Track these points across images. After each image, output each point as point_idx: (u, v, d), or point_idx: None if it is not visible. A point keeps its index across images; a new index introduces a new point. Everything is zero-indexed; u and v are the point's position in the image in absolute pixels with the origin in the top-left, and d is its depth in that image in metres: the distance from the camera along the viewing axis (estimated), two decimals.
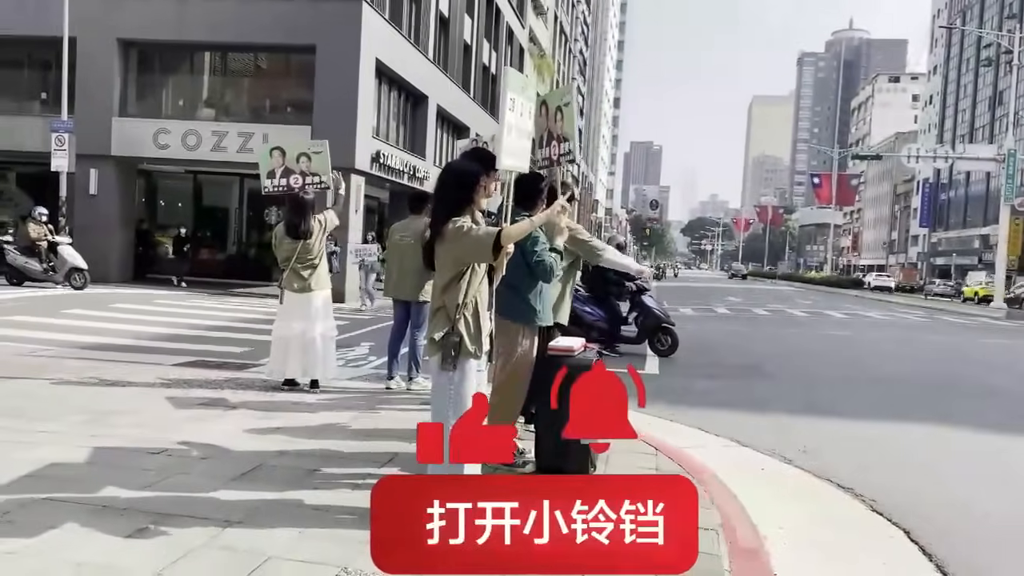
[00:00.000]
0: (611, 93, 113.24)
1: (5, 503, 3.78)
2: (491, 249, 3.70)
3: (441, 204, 3.89)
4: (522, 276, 4.85)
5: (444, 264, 3.83)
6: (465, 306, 3.79)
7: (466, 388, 3.81)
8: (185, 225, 24.06)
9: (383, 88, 22.94)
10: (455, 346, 3.76)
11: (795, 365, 12.09)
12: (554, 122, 5.09)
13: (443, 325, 3.79)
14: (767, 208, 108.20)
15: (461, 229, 3.73)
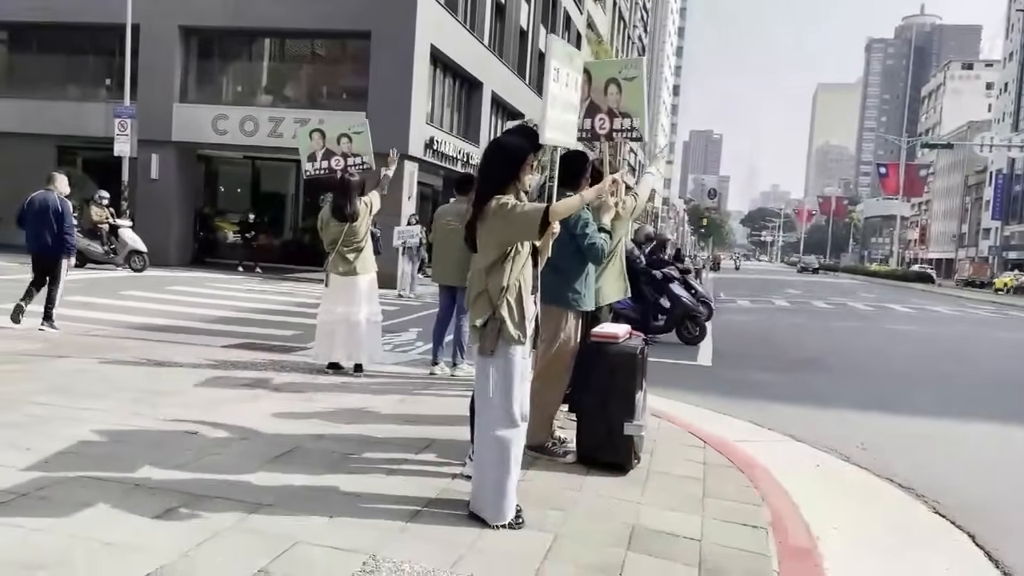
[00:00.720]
0: (670, 80, 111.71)
1: (42, 479, 3.78)
2: (538, 226, 3.53)
3: (486, 181, 3.74)
4: (568, 259, 4.69)
5: (487, 245, 3.68)
6: (508, 290, 3.64)
7: (510, 376, 3.66)
8: (243, 210, 24.42)
9: (437, 74, 22.88)
10: (497, 331, 3.61)
11: (855, 360, 11.66)
12: (603, 94, 4.87)
13: (485, 310, 3.64)
14: (830, 199, 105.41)
15: (506, 206, 3.58)
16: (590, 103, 4.92)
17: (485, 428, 3.68)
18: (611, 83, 4.87)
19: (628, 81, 4.84)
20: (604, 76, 4.93)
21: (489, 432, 3.66)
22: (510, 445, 3.66)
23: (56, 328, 8.81)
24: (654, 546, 3.59)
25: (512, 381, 3.67)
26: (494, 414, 3.66)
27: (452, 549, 3.34)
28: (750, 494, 4.51)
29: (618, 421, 4.53)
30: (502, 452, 3.64)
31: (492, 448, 3.65)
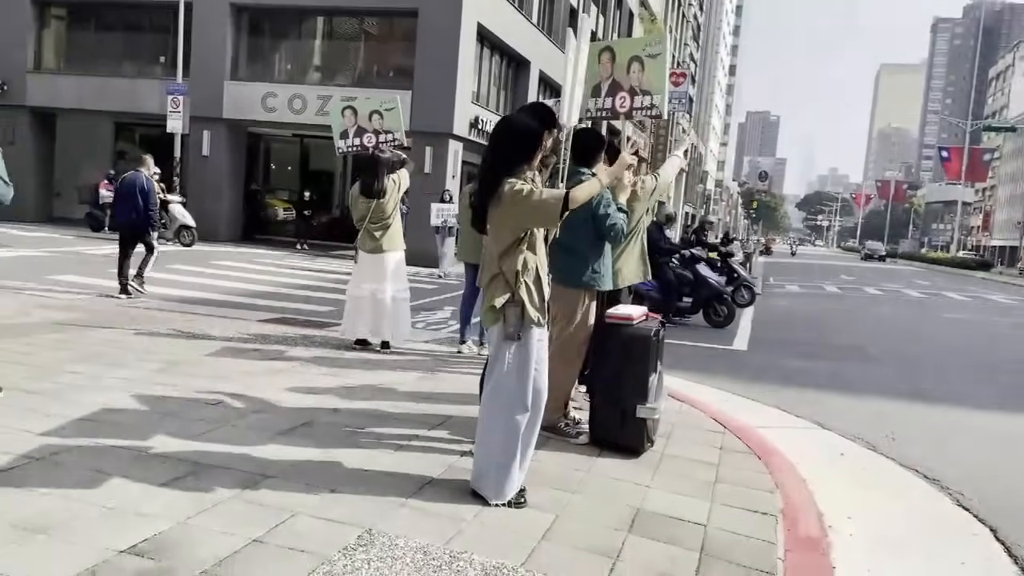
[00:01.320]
0: (726, 60, 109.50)
1: (57, 445, 3.88)
2: (558, 214, 3.47)
3: (497, 162, 3.64)
4: (586, 239, 4.64)
5: (501, 230, 3.60)
6: (526, 271, 3.58)
7: (528, 359, 3.62)
8: (291, 188, 24.78)
9: (484, 53, 22.79)
10: (518, 314, 3.57)
11: (901, 348, 11.36)
12: (625, 73, 4.78)
13: (502, 293, 3.58)
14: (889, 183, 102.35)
15: (521, 193, 3.49)
16: (612, 81, 4.83)
17: (497, 409, 3.65)
18: (634, 61, 4.78)
19: (651, 58, 4.74)
20: (628, 54, 4.83)
21: (500, 414, 3.63)
22: (519, 428, 3.64)
23: (142, 291, 9.95)
24: (657, 530, 3.54)
25: (528, 364, 3.63)
26: (507, 396, 3.62)
27: (450, 525, 3.35)
28: (764, 481, 4.43)
29: (631, 404, 4.47)
30: (511, 434, 3.62)
31: (501, 429, 3.63)
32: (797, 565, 3.40)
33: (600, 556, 3.21)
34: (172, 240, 18.13)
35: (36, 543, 2.85)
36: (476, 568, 2.97)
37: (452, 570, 2.94)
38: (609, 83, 4.84)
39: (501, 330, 3.59)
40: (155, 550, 2.86)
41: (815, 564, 3.46)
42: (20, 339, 6.40)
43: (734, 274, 14.47)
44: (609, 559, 3.19)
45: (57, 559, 2.73)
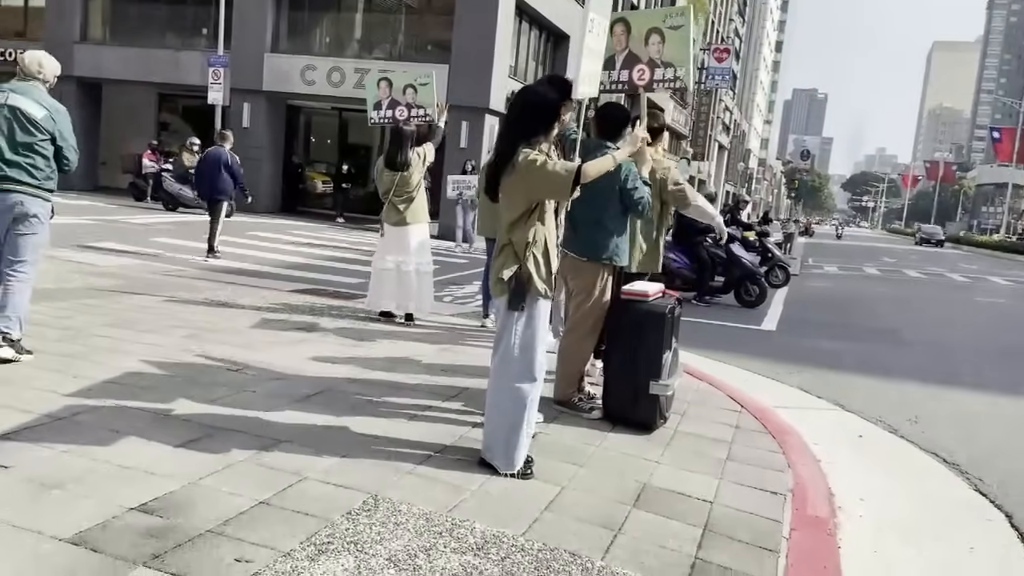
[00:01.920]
0: (773, 36, 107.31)
1: (80, 405, 4.01)
2: (569, 187, 3.48)
3: (513, 133, 3.66)
4: (609, 213, 4.65)
5: (513, 199, 3.63)
6: (535, 243, 3.61)
7: (534, 330, 3.65)
8: (330, 161, 24.95)
9: (523, 27, 22.65)
10: (525, 286, 3.60)
11: (937, 332, 11.16)
12: (643, 44, 4.73)
13: (511, 263, 3.61)
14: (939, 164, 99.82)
15: (535, 163, 3.51)
16: (628, 53, 4.78)
17: (505, 379, 3.69)
18: (653, 32, 4.72)
19: (673, 30, 4.68)
20: (646, 26, 4.77)
21: (508, 384, 3.67)
22: (527, 398, 3.67)
23: (219, 256, 11.16)
24: (661, 505, 3.56)
25: (535, 335, 3.66)
26: (515, 366, 3.66)
27: (455, 493, 3.40)
28: (777, 460, 4.42)
29: (644, 380, 4.48)
30: (519, 404, 3.66)
31: (510, 399, 3.66)
32: (801, 544, 3.39)
33: (601, 528, 3.24)
34: None
35: (50, 497, 2.96)
36: (476, 535, 3.02)
37: (452, 536, 2.99)
38: (624, 55, 4.79)
39: (507, 301, 3.62)
40: (164, 508, 2.96)
41: (820, 544, 3.45)
42: (56, 303, 6.58)
43: (769, 254, 14.31)
44: (610, 531, 3.22)
45: (68, 513, 2.84)
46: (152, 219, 16.32)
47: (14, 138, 4.67)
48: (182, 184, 18.54)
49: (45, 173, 4.77)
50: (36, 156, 4.71)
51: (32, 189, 4.71)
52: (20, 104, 4.69)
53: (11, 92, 4.76)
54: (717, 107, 52.30)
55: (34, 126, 4.70)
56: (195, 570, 2.55)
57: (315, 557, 2.71)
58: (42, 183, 4.76)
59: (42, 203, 4.79)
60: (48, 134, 4.75)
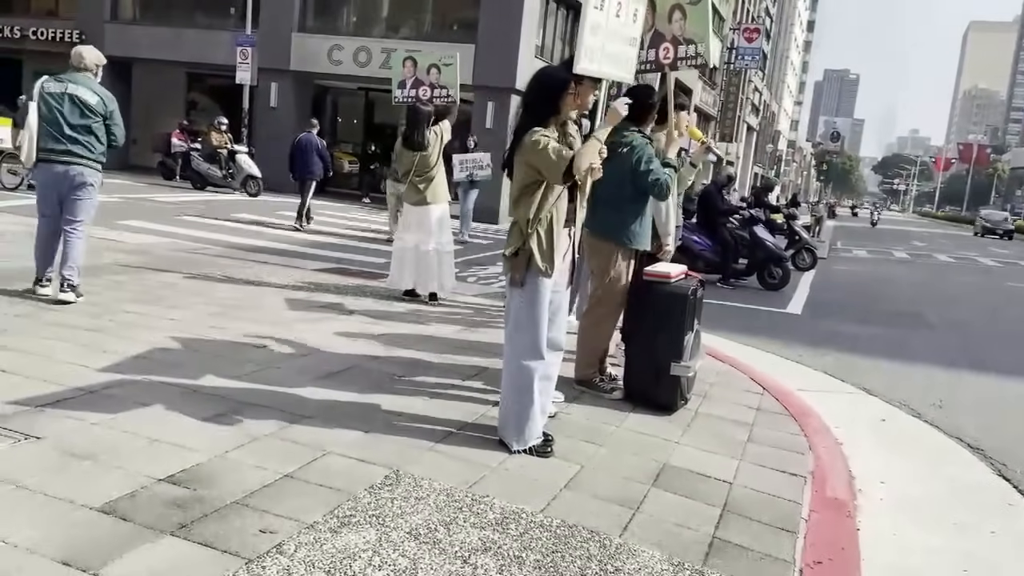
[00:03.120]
0: (804, 15, 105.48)
1: (111, 379, 4.10)
2: (561, 173, 3.49)
3: (526, 113, 3.71)
4: (625, 194, 4.62)
5: (518, 175, 3.68)
6: (538, 221, 3.62)
7: (537, 307, 3.67)
8: (356, 141, 25.00)
9: (549, 6, 22.47)
10: (526, 262, 3.62)
11: (963, 316, 11.03)
12: (667, 22, 4.69)
13: (516, 240, 3.65)
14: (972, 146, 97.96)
15: (537, 144, 3.54)
16: (654, 32, 4.75)
17: (511, 356, 3.73)
18: (675, 9, 4.69)
19: (692, 5, 4.65)
20: (669, 2, 4.74)
21: (515, 360, 3.71)
22: (533, 374, 3.70)
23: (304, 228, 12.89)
24: (681, 484, 3.58)
25: (538, 311, 3.67)
26: (520, 343, 3.69)
27: (475, 470, 3.44)
28: (798, 442, 4.42)
29: (665, 361, 4.48)
30: (525, 380, 3.69)
31: (517, 376, 3.70)
32: (820, 525, 3.40)
33: (620, 506, 3.27)
34: (239, 190, 18.56)
35: (81, 468, 3.04)
36: (496, 511, 3.06)
37: (472, 512, 3.04)
38: (651, 34, 4.76)
39: (509, 276, 3.68)
40: (191, 480, 3.02)
41: (838, 525, 3.46)
42: (85, 280, 6.68)
43: (796, 236, 14.19)
44: (629, 510, 3.25)
45: (98, 483, 2.92)
46: (181, 198, 16.49)
47: (73, 120, 5.63)
48: (210, 163, 18.70)
49: (99, 149, 5.78)
50: (91, 135, 5.70)
51: (89, 162, 5.73)
52: (77, 92, 5.65)
53: (69, 82, 5.70)
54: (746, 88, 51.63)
55: (89, 110, 5.66)
56: (221, 540, 2.61)
57: (338, 529, 2.77)
58: (96, 156, 5.77)
59: (95, 173, 5.83)
60: (100, 116, 5.72)
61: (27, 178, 13.79)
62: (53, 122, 5.62)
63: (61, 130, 5.60)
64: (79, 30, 24.06)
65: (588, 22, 3.68)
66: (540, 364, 3.70)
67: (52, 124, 5.62)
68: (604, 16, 3.78)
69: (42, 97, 5.67)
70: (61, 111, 5.60)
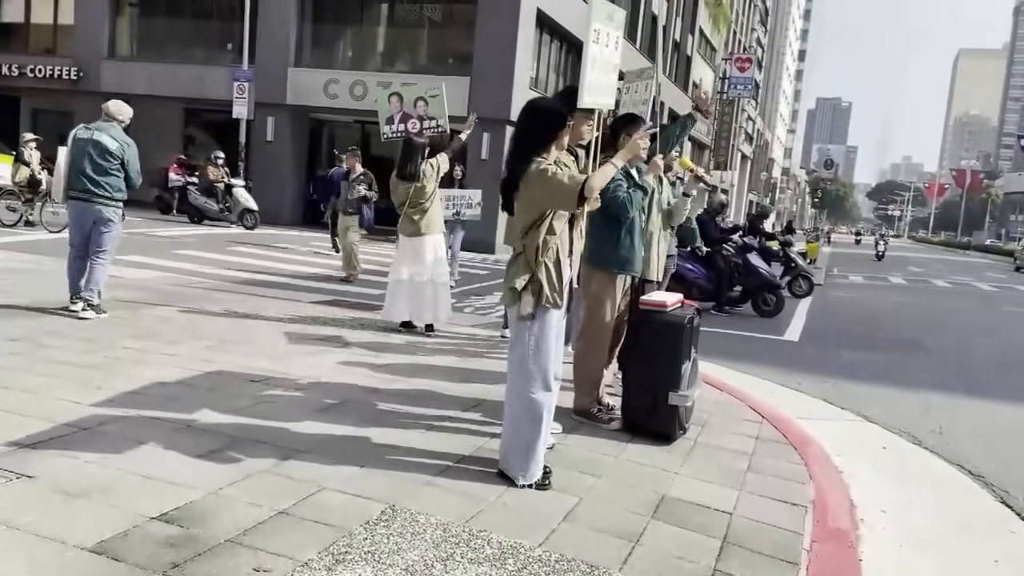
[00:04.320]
0: (795, 45, 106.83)
1: (103, 415, 4.06)
2: (576, 198, 3.48)
3: (523, 144, 3.71)
4: (601, 222, 4.62)
5: (525, 208, 3.65)
6: (546, 252, 3.62)
7: (546, 339, 3.66)
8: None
9: (543, 38, 22.72)
10: (535, 295, 3.61)
11: (961, 342, 11.02)
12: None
13: (522, 272, 3.64)
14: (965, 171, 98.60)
15: (546, 172, 3.54)
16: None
17: (520, 390, 3.70)
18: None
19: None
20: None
21: (524, 394, 3.68)
22: (543, 408, 3.68)
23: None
24: (680, 516, 3.54)
25: (548, 344, 3.67)
26: (530, 376, 3.67)
27: (472, 504, 3.41)
28: (798, 472, 4.38)
29: (663, 390, 4.46)
30: (535, 414, 3.66)
31: (526, 410, 3.67)
32: (822, 556, 3.36)
33: (620, 539, 3.23)
34: (236, 223, 18.59)
35: (75, 506, 3.01)
36: (493, 546, 3.03)
37: (470, 547, 3.00)
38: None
39: (519, 310, 3.63)
40: (184, 518, 2.99)
41: (841, 556, 3.42)
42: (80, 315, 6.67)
43: (792, 263, 14.22)
44: (628, 542, 3.21)
45: (92, 522, 2.88)
46: (177, 232, 16.51)
47: (95, 163, 6.53)
48: (207, 197, 18.75)
49: (118, 188, 6.66)
50: (110, 176, 6.59)
51: (107, 200, 6.61)
52: (100, 139, 6.57)
53: (96, 130, 6.63)
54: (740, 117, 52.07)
55: (109, 154, 6.56)
56: None
57: (332, 567, 2.73)
58: (114, 195, 6.65)
59: (114, 210, 6.71)
60: (119, 160, 6.60)
61: (26, 215, 13.86)
62: (79, 164, 6.53)
63: (85, 171, 6.51)
64: (77, 67, 24.27)
65: (589, 57, 3.71)
66: (549, 396, 3.68)
67: (78, 166, 6.54)
68: (599, 48, 3.82)
69: (74, 142, 6.61)
70: (86, 155, 6.52)
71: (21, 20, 26.07)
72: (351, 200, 10.71)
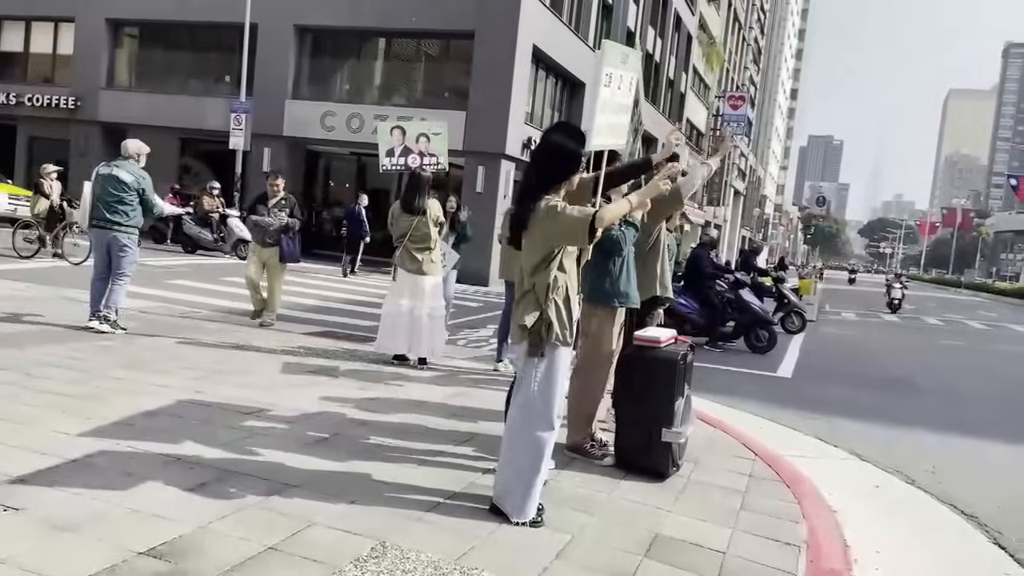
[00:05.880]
0: (788, 84, 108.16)
1: (94, 448, 4.02)
2: (587, 232, 3.49)
3: (536, 180, 3.71)
4: (601, 257, 4.64)
5: (534, 244, 3.66)
6: (556, 290, 3.63)
7: (554, 377, 3.65)
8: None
9: (539, 74, 22.96)
10: (545, 332, 3.60)
11: (953, 380, 11.04)
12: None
13: (532, 309, 3.62)
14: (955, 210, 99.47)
15: (555, 208, 3.55)
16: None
17: (524, 427, 3.67)
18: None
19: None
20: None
21: (527, 432, 3.66)
22: (545, 446, 3.67)
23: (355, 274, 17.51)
24: (673, 555, 3.52)
25: (555, 383, 3.66)
26: (534, 414, 3.65)
27: (464, 541, 3.37)
28: (791, 510, 4.36)
29: (656, 427, 4.45)
30: (537, 452, 3.65)
31: (529, 447, 3.65)
32: None
33: None
34: (230, 253, 18.58)
35: (62, 541, 2.97)
36: None
37: None
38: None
39: (527, 347, 3.62)
40: (172, 553, 2.95)
41: None
42: (71, 344, 6.65)
43: (785, 299, 14.27)
44: None
45: (79, 557, 2.84)
46: (171, 261, 16.49)
47: (113, 195, 7.42)
48: (202, 227, 18.75)
49: (131, 217, 7.52)
50: (126, 206, 7.47)
51: (123, 227, 7.49)
52: (118, 173, 7.47)
53: (115, 166, 7.53)
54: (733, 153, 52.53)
55: (126, 186, 7.46)
56: None
57: None
58: (130, 223, 7.52)
59: (130, 236, 7.56)
60: (135, 191, 7.51)
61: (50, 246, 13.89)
62: (100, 196, 7.44)
63: (105, 202, 7.41)
64: (75, 96, 24.40)
65: (600, 101, 3.74)
66: (551, 435, 3.67)
67: (100, 198, 7.45)
68: (610, 91, 3.86)
69: (96, 178, 7.52)
70: (105, 188, 7.41)
71: (20, 49, 26.26)
72: (270, 230, 8.99)
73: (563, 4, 23.61)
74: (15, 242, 13.89)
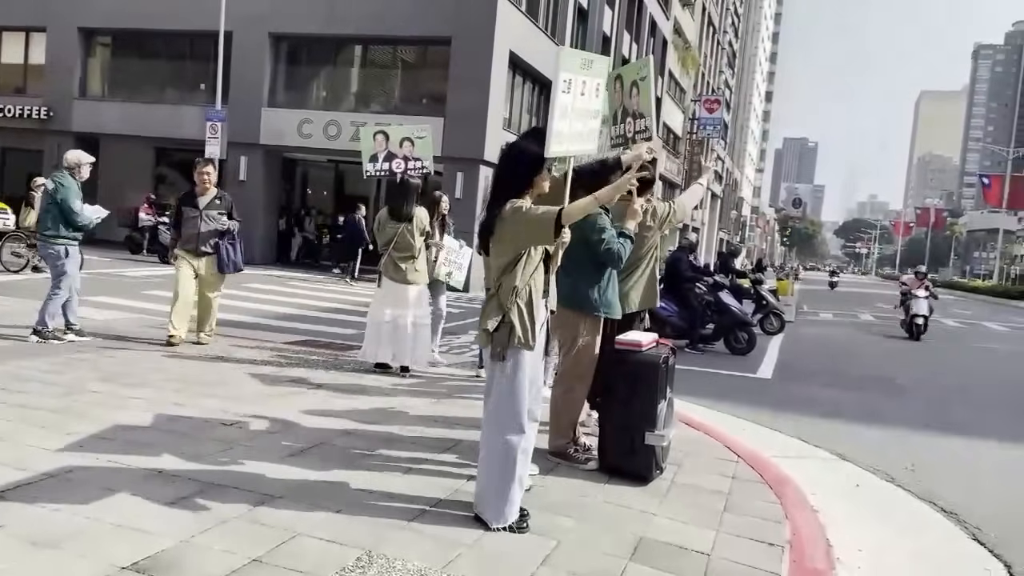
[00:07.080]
0: (763, 87, 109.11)
1: (72, 462, 3.98)
2: (552, 229, 3.52)
3: (501, 185, 3.76)
4: (584, 265, 4.66)
5: (501, 248, 3.68)
6: (519, 294, 3.64)
7: (519, 381, 3.66)
8: (326, 213, 25.07)
9: (516, 80, 23.02)
10: (508, 335, 3.62)
11: (932, 380, 11.16)
12: (629, 98, 4.83)
13: (495, 314, 3.65)
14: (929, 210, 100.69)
15: (520, 209, 3.58)
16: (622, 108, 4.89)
17: (493, 431, 3.69)
18: (634, 86, 4.84)
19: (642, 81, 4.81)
20: (630, 79, 4.90)
21: (496, 436, 3.67)
22: (516, 449, 3.67)
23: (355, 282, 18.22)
24: (658, 558, 3.53)
25: (520, 385, 3.67)
26: (502, 418, 3.67)
27: (449, 549, 3.37)
28: (774, 511, 4.38)
29: (639, 431, 4.46)
30: (508, 456, 3.65)
31: (499, 451, 3.66)
32: None
33: None
34: None
35: (43, 557, 2.93)
36: None
37: None
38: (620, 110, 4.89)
39: (491, 351, 3.64)
40: (156, 567, 2.92)
41: None
42: (48, 359, 6.57)
43: (764, 301, 14.37)
44: None
45: (61, 573, 2.81)
46: (147, 272, 16.35)
47: (44, 206, 7.52)
48: None
49: (54, 227, 7.36)
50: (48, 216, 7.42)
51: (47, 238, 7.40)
52: (49, 185, 7.48)
53: (52, 177, 7.50)
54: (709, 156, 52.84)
55: (50, 196, 7.40)
56: None
57: None
58: (52, 232, 7.36)
59: (54, 246, 7.39)
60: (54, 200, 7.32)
61: (32, 259, 13.70)
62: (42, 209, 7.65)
63: (40, 214, 7.67)
64: (47, 107, 24.15)
65: (557, 107, 3.75)
66: (522, 438, 3.67)
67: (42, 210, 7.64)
68: (571, 97, 3.86)
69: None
70: (43, 200, 7.63)
71: None
72: (204, 234, 7.71)
73: (539, 10, 23.71)
74: (1, 256, 13.74)
